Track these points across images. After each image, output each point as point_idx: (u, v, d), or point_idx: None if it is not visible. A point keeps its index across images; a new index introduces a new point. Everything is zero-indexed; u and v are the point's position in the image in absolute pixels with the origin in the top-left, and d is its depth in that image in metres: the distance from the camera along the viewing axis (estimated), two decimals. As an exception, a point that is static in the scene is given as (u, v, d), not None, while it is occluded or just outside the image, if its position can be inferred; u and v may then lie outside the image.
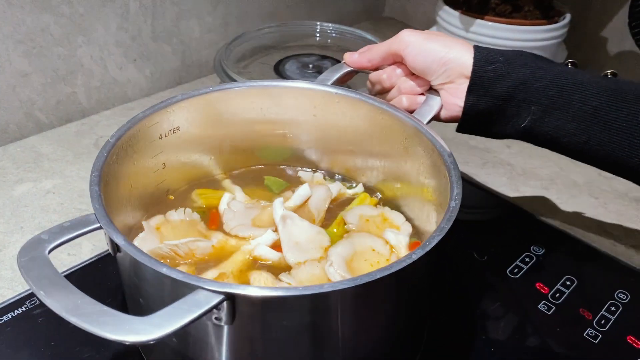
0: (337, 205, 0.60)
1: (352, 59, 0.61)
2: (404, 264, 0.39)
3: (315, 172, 0.65)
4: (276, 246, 0.53)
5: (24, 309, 0.54)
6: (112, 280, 0.58)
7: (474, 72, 0.54)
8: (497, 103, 0.54)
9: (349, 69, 0.61)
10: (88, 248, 0.63)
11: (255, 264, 0.52)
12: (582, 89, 0.52)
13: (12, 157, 0.77)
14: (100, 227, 0.41)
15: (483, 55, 0.54)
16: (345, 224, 0.57)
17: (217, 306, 0.36)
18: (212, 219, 0.57)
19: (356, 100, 0.57)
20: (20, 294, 0.56)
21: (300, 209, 0.57)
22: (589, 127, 0.51)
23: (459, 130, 0.58)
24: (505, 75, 0.53)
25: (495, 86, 0.53)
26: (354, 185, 0.63)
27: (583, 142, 0.52)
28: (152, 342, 0.34)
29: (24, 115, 0.80)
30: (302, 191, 0.58)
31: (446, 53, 0.55)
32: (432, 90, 0.58)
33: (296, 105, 0.59)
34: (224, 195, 0.58)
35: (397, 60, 0.59)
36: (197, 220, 0.56)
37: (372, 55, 0.59)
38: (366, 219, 0.57)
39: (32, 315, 0.54)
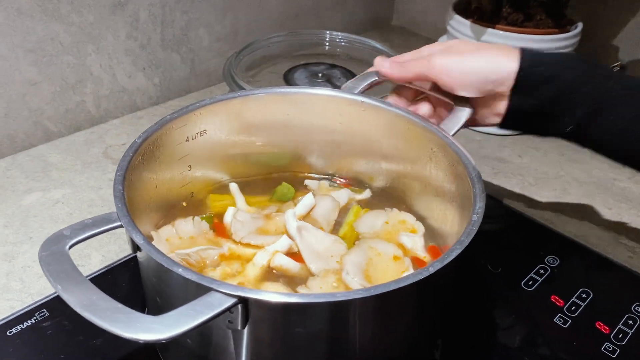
0: (344, 212, 0.60)
1: (385, 71, 0.57)
2: (421, 276, 0.38)
3: (320, 180, 0.64)
4: (290, 254, 0.53)
5: (33, 321, 0.53)
6: (122, 291, 0.58)
7: (519, 74, 0.52)
8: (543, 105, 0.53)
9: (378, 78, 0.60)
10: (97, 259, 0.62)
11: (272, 274, 0.52)
12: (629, 93, 0.51)
13: (21, 166, 0.77)
14: (121, 226, 0.41)
15: (529, 58, 0.52)
16: (356, 233, 0.57)
17: (229, 309, 0.36)
18: (217, 229, 0.56)
19: (382, 109, 0.57)
20: (29, 306, 0.55)
21: (306, 219, 0.57)
22: (635, 131, 0.51)
23: (500, 127, 0.56)
24: (551, 79, 0.52)
25: (541, 89, 0.52)
26: (365, 187, 0.63)
27: (628, 147, 0.52)
28: (163, 342, 0.34)
29: (33, 124, 0.79)
30: (306, 200, 0.58)
31: (489, 72, 0.52)
32: (462, 99, 0.56)
33: (323, 112, 0.59)
34: (228, 209, 0.58)
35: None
36: (206, 229, 0.55)
37: (405, 73, 0.56)
38: (377, 227, 0.57)
39: (41, 328, 0.53)
